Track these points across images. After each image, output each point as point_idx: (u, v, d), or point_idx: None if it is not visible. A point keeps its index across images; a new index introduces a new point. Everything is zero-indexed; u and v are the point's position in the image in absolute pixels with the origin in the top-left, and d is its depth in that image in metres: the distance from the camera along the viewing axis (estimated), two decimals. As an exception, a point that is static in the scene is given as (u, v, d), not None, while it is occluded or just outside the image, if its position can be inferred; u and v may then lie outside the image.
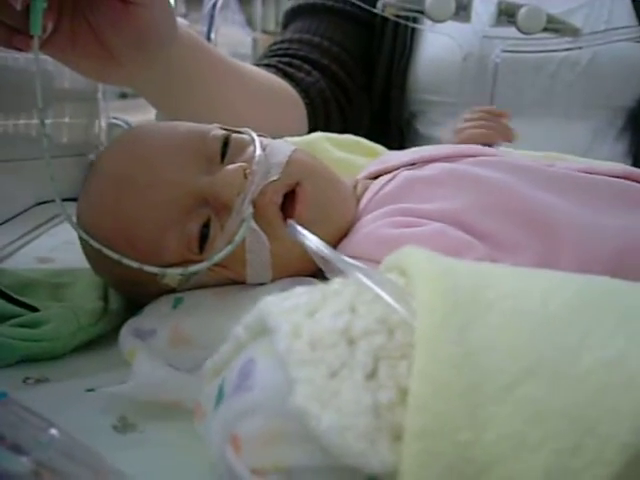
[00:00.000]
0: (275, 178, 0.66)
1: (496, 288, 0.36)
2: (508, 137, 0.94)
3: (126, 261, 0.64)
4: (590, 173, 0.74)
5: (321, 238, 0.53)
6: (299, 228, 0.45)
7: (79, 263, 0.73)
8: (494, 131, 0.94)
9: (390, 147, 1.07)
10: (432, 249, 0.52)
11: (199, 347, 0.61)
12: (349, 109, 1.35)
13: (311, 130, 1.17)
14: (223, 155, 0.68)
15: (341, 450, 0.30)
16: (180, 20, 0.94)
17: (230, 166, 0.65)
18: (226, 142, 0.68)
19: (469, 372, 0.31)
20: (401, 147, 1.20)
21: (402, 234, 0.65)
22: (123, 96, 1.75)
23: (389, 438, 0.31)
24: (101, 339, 0.70)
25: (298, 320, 0.34)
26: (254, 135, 0.70)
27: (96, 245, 0.65)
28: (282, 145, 0.71)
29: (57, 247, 0.99)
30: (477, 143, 0.86)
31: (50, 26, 0.68)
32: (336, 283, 0.38)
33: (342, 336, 0.33)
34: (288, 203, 0.67)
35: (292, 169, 0.67)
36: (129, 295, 0.73)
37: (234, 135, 0.70)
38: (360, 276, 0.37)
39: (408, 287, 0.36)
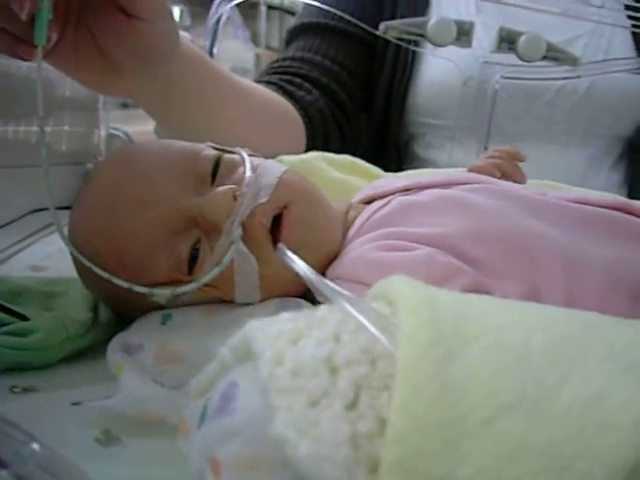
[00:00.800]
0: (264, 200, 0.66)
1: (479, 321, 0.37)
2: (516, 177, 0.94)
3: (116, 280, 0.64)
4: (581, 203, 0.74)
5: (307, 262, 0.53)
6: (288, 252, 0.46)
7: (72, 272, 0.73)
8: (505, 168, 0.93)
9: (388, 169, 1.08)
10: (420, 274, 0.52)
11: (186, 364, 0.61)
12: (348, 129, 1.36)
13: (309, 149, 1.18)
14: (214, 176, 0.68)
15: (316, 479, 0.30)
16: (182, 34, 0.94)
17: (220, 188, 0.65)
18: (217, 163, 0.69)
19: (448, 406, 0.32)
20: (399, 169, 1.21)
21: (390, 258, 0.65)
22: (124, 106, 1.75)
23: (366, 469, 0.31)
24: (90, 350, 0.71)
25: (282, 347, 0.34)
26: (245, 155, 0.71)
27: (87, 263, 0.65)
28: (273, 166, 0.72)
29: (51, 255, 0.99)
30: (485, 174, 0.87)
31: (54, 37, 0.68)
32: (322, 310, 0.38)
33: (324, 365, 0.33)
34: (277, 225, 0.67)
35: (281, 191, 0.68)
36: (117, 310, 0.73)
37: (225, 155, 0.70)
38: (345, 304, 0.37)
39: (393, 317, 0.37)
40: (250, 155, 0.72)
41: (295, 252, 0.58)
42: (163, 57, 0.78)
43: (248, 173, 0.67)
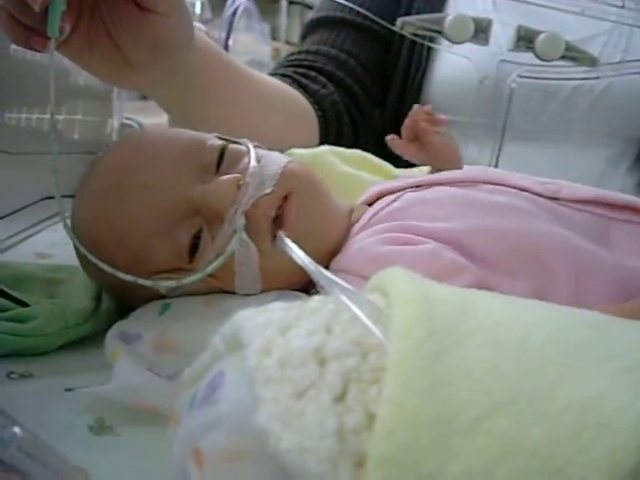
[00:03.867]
0: (268, 191, 0.66)
1: (477, 317, 0.36)
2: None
3: (121, 275, 0.64)
4: (597, 202, 0.73)
5: (308, 252, 0.52)
6: (287, 240, 0.45)
7: (77, 260, 0.73)
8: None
9: (399, 165, 1.06)
10: (424, 269, 0.51)
11: (183, 354, 0.61)
12: (361, 123, 1.35)
13: (322, 142, 1.17)
14: (219, 165, 0.68)
15: (300, 472, 0.29)
16: (197, 26, 0.94)
17: (223, 177, 0.65)
18: (222, 152, 0.68)
19: (438, 402, 0.31)
20: (410, 165, 1.20)
21: (394, 252, 0.64)
22: (144, 98, 1.75)
23: (352, 463, 0.30)
24: (90, 339, 0.71)
25: (270, 336, 0.33)
26: (250, 146, 0.70)
27: (92, 259, 0.65)
28: (277, 157, 0.71)
29: (57, 243, 0.99)
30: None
31: (67, 28, 0.68)
32: (315, 301, 0.38)
33: (313, 356, 0.33)
34: (280, 218, 0.66)
35: (285, 181, 0.67)
36: (119, 298, 0.73)
37: (231, 145, 0.70)
38: (339, 294, 0.36)
39: (388, 309, 0.36)
40: (256, 146, 0.71)
41: (296, 242, 0.57)
42: (177, 51, 0.78)
43: (252, 163, 0.67)
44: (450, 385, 0.31)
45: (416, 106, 0.93)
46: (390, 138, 0.93)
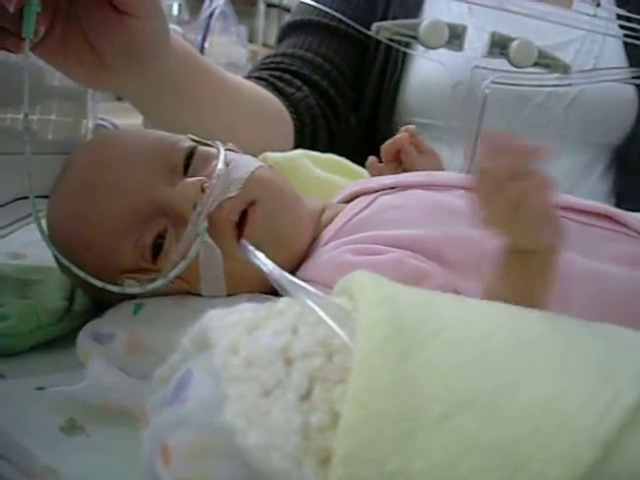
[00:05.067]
0: (234, 194, 0.66)
1: (441, 318, 0.37)
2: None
3: (90, 279, 0.64)
4: (567, 208, 0.74)
5: (272, 258, 0.52)
6: (250, 247, 0.45)
7: (51, 261, 0.73)
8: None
9: (376, 170, 1.07)
10: (389, 277, 0.52)
11: (155, 355, 0.61)
12: (337, 127, 1.35)
13: (297, 146, 1.17)
14: (187, 167, 0.68)
15: (265, 469, 0.30)
16: (173, 28, 0.94)
17: (189, 179, 0.66)
18: (191, 154, 0.69)
19: (403, 400, 0.31)
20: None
21: (360, 261, 0.65)
22: (119, 99, 1.74)
23: (316, 461, 0.31)
24: (63, 339, 0.70)
25: (237, 336, 0.34)
26: (221, 148, 0.70)
27: (64, 262, 0.65)
28: (247, 161, 0.71)
29: (31, 243, 0.98)
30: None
31: (42, 30, 0.68)
32: (282, 302, 0.38)
33: (279, 356, 0.33)
34: (243, 221, 0.67)
35: (251, 186, 0.67)
36: (93, 296, 0.73)
37: (200, 147, 0.70)
38: (304, 298, 0.37)
39: (354, 312, 0.36)
40: (228, 149, 0.72)
41: (259, 247, 0.57)
42: (154, 54, 0.78)
43: (220, 166, 0.67)
44: (414, 383, 0.32)
45: (402, 129, 0.93)
46: (370, 162, 0.93)
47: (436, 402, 0.32)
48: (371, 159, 0.93)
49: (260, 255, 0.43)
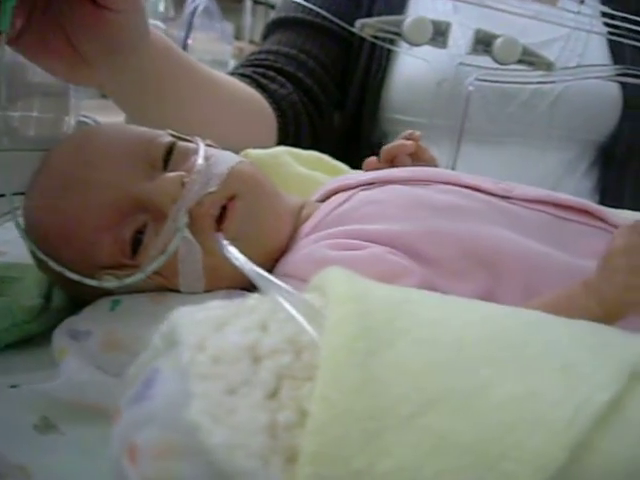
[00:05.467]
0: (214, 189, 0.66)
1: (414, 315, 0.36)
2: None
3: (68, 274, 0.64)
4: (548, 202, 0.74)
5: (250, 254, 0.52)
6: (224, 242, 0.45)
7: (30, 258, 0.72)
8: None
9: (359, 167, 1.07)
10: (368, 273, 0.52)
11: (131, 353, 0.60)
12: (320, 125, 1.35)
13: (280, 142, 1.17)
14: (166, 162, 0.68)
15: (230, 468, 0.29)
16: (156, 24, 0.93)
17: (169, 174, 0.65)
18: (170, 149, 0.68)
19: (371, 398, 0.31)
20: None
21: (339, 257, 0.64)
22: (103, 96, 1.73)
23: (283, 459, 0.30)
24: (39, 336, 0.69)
25: (205, 333, 0.33)
26: (200, 144, 0.70)
27: (42, 257, 0.65)
28: (227, 156, 0.71)
29: (10, 241, 0.97)
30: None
31: (19, 23, 0.67)
32: (253, 299, 0.38)
33: (247, 353, 0.33)
34: (223, 216, 0.67)
35: (231, 182, 0.67)
36: (71, 292, 0.73)
37: (180, 143, 0.70)
38: (275, 294, 0.36)
39: (325, 308, 0.36)
40: (208, 145, 0.71)
41: (236, 243, 0.57)
42: (133, 49, 0.77)
43: (199, 161, 0.67)
44: (383, 381, 0.32)
45: (407, 132, 0.92)
46: (368, 161, 0.92)
47: (404, 401, 0.31)
48: (370, 159, 0.92)
49: (233, 249, 0.43)
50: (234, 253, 0.42)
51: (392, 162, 0.89)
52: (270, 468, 0.30)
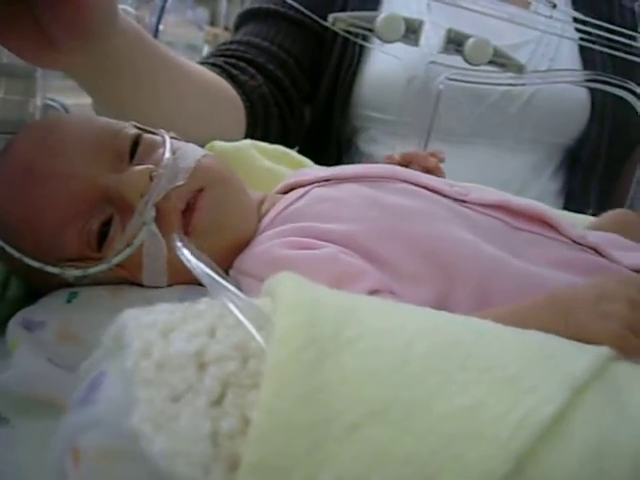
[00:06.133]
0: (181, 183, 0.66)
1: (361, 325, 0.36)
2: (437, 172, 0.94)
3: (27, 260, 0.63)
4: (502, 207, 0.74)
5: (215, 247, 0.52)
6: (178, 243, 0.45)
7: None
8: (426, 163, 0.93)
9: (328, 163, 1.07)
10: (322, 273, 0.52)
11: (85, 345, 0.59)
12: (290, 118, 1.35)
13: (249, 134, 1.17)
14: (133, 154, 0.67)
15: (171, 475, 0.29)
16: (125, 9, 0.92)
17: (137, 167, 0.65)
18: (137, 141, 0.68)
19: (313, 409, 0.31)
20: (338, 163, 1.21)
21: (294, 256, 0.64)
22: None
23: (225, 467, 0.30)
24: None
25: (151, 338, 0.33)
26: (166, 137, 0.70)
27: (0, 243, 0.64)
28: (193, 150, 0.71)
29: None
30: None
31: None
32: (202, 303, 0.38)
33: (193, 360, 0.33)
34: (190, 211, 0.66)
35: (198, 175, 0.67)
36: (28, 283, 0.72)
37: (146, 135, 0.69)
38: (223, 298, 0.36)
39: (274, 316, 0.36)
40: (173, 138, 0.71)
41: (204, 234, 0.57)
42: (101, 33, 0.76)
43: (167, 155, 0.66)
44: (326, 392, 0.32)
45: (430, 150, 0.94)
46: (388, 154, 0.94)
47: (347, 412, 0.32)
48: (391, 154, 0.93)
49: (186, 252, 0.42)
50: (187, 255, 0.42)
51: (406, 166, 0.90)
52: (211, 476, 0.30)
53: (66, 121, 0.71)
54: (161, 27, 1.35)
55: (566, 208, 1.28)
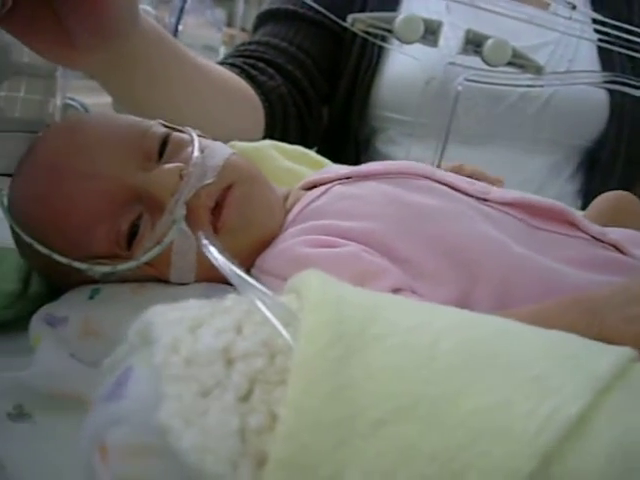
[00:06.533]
0: (210, 181, 0.66)
1: (387, 322, 0.36)
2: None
3: (56, 256, 0.64)
4: (523, 205, 0.74)
5: (244, 243, 0.52)
6: (205, 241, 0.45)
7: (9, 241, 0.72)
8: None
9: (345, 163, 1.07)
10: (344, 272, 0.52)
11: (108, 341, 0.60)
12: (308, 118, 1.35)
13: (268, 135, 1.17)
14: (161, 153, 0.68)
15: (200, 471, 0.29)
16: (146, 9, 0.93)
17: (166, 165, 0.65)
18: (165, 140, 0.68)
19: (340, 405, 0.31)
20: (357, 163, 1.20)
21: (315, 254, 0.65)
22: (91, 77, 1.71)
23: (253, 464, 0.30)
24: (17, 322, 0.69)
25: (179, 334, 0.33)
26: (194, 135, 0.70)
27: (27, 239, 0.65)
28: (221, 148, 0.71)
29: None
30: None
31: (9, 2, 0.67)
32: (229, 300, 0.38)
33: (221, 355, 0.33)
34: (219, 209, 0.67)
35: (227, 173, 0.67)
36: (51, 281, 0.72)
37: (174, 134, 0.70)
38: (251, 295, 0.36)
39: (300, 312, 0.36)
40: (200, 136, 0.71)
41: (233, 232, 0.57)
42: (121, 33, 0.77)
43: (196, 153, 0.67)
44: (353, 388, 0.32)
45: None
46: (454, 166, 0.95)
47: (374, 408, 0.32)
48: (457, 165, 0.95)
49: (212, 249, 0.43)
50: (213, 252, 0.42)
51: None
52: (239, 472, 0.30)
53: (93, 120, 0.72)
54: (180, 28, 1.36)
55: (584, 209, 1.27)
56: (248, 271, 0.67)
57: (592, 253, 0.71)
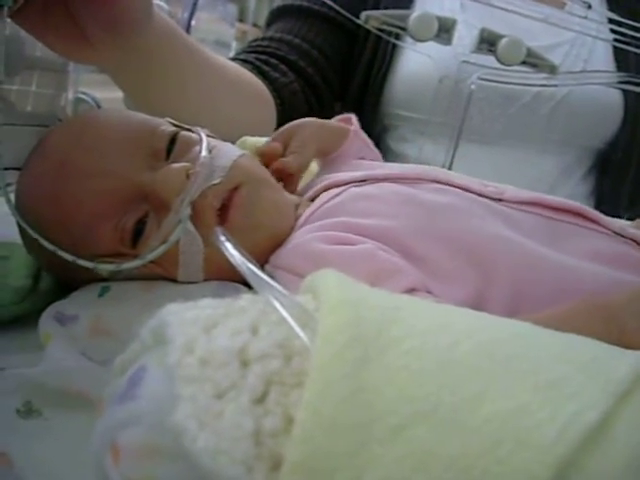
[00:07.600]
0: (217, 182, 0.65)
1: (406, 325, 0.36)
2: None
3: (60, 253, 0.63)
4: (538, 204, 0.74)
5: (252, 245, 0.51)
6: (221, 237, 0.44)
7: (16, 237, 0.72)
8: None
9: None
10: (359, 270, 0.51)
11: (118, 340, 0.60)
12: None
13: (279, 130, 1.17)
14: (169, 152, 0.67)
15: (213, 473, 0.29)
16: (159, 4, 0.92)
17: (173, 165, 0.65)
18: (173, 139, 0.68)
19: (358, 409, 0.31)
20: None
21: (331, 251, 0.64)
22: (102, 71, 1.71)
23: (268, 467, 0.30)
24: (27, 318, 0.69)
25: (194, 334, 0.33)
26: (203, 135, 0.70)
27: (32, 233, 0.64)
28: (229, 149, 0.71)
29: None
30: None
31: None
32: (244, 299, 0.37)
33: (236, 356, 0.32)
34: (226, 209, 0.66)
35: (234, 174, 0.67)
36: (59, 278, 0.72)
37: (182, 133, 0.69)
38: (268, 295, 0.36)
39: (317, 313, 0.35)
40: (208, 136, 0.71)
41: (239, 233, 0.57)
42: (135, 28, 0.77)
43: (203, 153, 0.66)
44: (371, 392, 0.31)
45: None
46: None
47: (392, 412, 0.31)
48: None
49: (229, 246, 0.42)
50: (230, 250, 0.41)
51: None
52: (254, 475, 0.29)
53: (102, 117, 0.72)
54: (193, 23, 1.36)
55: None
56: (261, 269, 0.67)
57: (612, 247, 0.71)
